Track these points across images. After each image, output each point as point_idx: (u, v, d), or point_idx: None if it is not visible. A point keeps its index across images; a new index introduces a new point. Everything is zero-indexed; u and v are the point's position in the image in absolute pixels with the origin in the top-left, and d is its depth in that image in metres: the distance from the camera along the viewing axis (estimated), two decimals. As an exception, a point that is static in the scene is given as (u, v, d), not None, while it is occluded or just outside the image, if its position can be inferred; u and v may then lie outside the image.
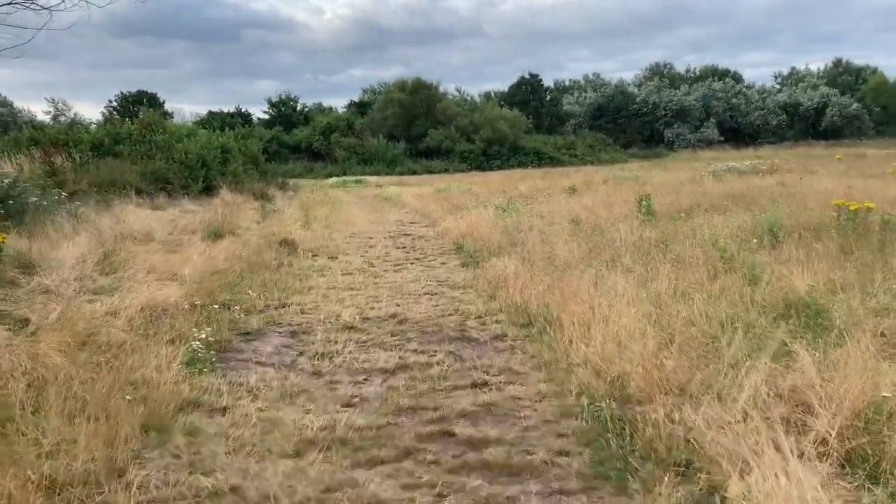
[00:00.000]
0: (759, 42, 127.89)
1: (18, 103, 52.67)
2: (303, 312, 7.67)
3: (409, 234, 14.68)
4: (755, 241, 8.82)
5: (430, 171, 44.61)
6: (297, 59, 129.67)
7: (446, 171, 44.99)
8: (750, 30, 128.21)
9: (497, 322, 6.98)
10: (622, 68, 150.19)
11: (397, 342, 6.47)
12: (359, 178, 37.69)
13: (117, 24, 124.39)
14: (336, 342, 6.42)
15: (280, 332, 6.92)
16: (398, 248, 12.77)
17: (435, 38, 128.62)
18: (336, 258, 11.55)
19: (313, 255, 11.68)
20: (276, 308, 7.81)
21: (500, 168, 44.68)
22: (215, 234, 12.01)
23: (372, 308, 7.82)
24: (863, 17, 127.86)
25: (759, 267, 7.55)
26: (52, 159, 19.18)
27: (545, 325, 6.44)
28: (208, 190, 21.66)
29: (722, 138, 64.49)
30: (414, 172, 43.96)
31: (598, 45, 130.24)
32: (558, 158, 48.94)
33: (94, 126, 30.41)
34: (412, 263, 10.98)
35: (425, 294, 8.56)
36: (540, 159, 47.90)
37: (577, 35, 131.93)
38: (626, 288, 7.05)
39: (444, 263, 10.90)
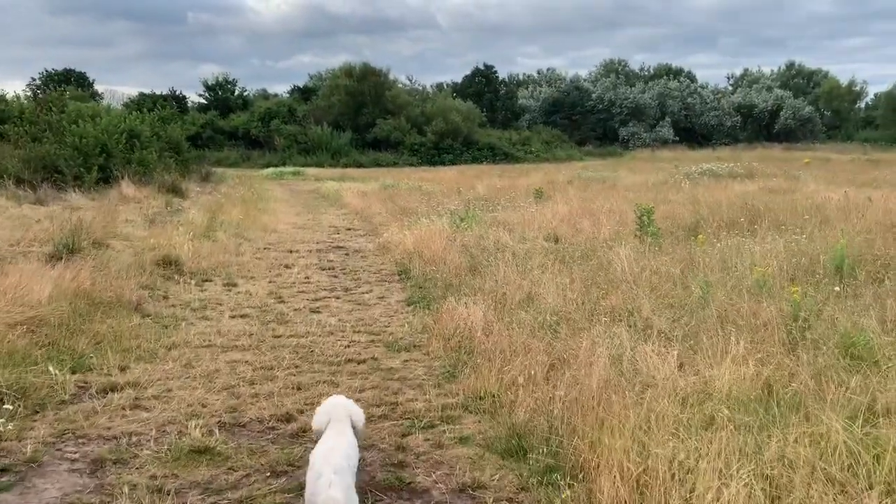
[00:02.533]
0: (705, 44, 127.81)
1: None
2: (136, 406, 4.59)
3: (342, 248, 11.63)
4: (836, 287, 6.07)
5: (377, 164, 41.37)
6: (244, 43, 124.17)
7: (395, 164, 41.81)
8: (696, 32, 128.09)
9: (461, 442, 4.05)
10: (571, 65, 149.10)
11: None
12: (297, 169, 34.22)
13: (54, 0, 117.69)
14: (161, 494, 3.40)
15: (71, 463, 3.84)
16: (324, 269, 9.71)
17: (385, 27, 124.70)
18: (235, 286, 8.44)
19: (203, 281, 8.54)
20: (93, 397, 4.71)
21: (452, 163, 41.68)
22: (69, 248, 8.75)
23: (255, 396, 4.80)
24: (806, 24, 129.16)
25: (870, 338, 4.83)
26: None
27: (553, 463, 3.56)
28: (107, 181, 18.11)
29: (677, 138, 63.03)
30: (360, 165, 40.65)
31: (547, 42, 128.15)
32: (513, 154, 46.27)
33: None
34: (338, 298, 7.96)
35: (348, 362, 5.56)
36: (494, 155, 45.12)
37: (527, 31, 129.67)
38: (676, 380, 4.24)
39: (382, 298, 7.92)
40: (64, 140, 18.71)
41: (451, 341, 5.83)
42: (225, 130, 48.79)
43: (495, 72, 62.30)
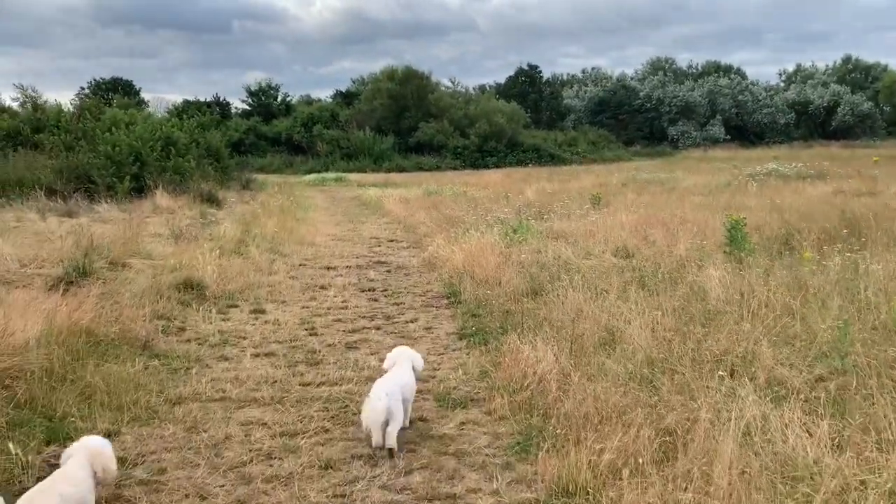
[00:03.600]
0: (749, 41, 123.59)
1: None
2: (115, 500, 3.53)
3: (383, 263, 10.55)
4: None
5: (420, 168, 40.39)
6: (287, 50, 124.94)
7: (438, 167, 40.77)
8: (739, 28, 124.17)
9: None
10: (614, 65, 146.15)
11: None
12: (339, 175, 33.43)
13: (105, 12, 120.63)
14: None
15: None
16: (364, 291, 8.62)
17: (425, 31, 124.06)
18: (262, 312, 7.41)
19: (227, 307, 7.53)
20: (64, 481, 3.67)
21: (496, 166, 40.42)
22: (80, 271, 7.85)
23: (270, 479, 3.69)
24: (851, 17, 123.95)
25: None
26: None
27: None
28: (141, 191, 17.40)
29: (728, 137, 60.71)
30: (402, 169, 39.72)
31: (588, 42, 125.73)
32: (559, 156, 44.74)
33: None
34: (379, 328, 6.84)
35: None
36: (540, 156, 43.66)
37: (567, 31, 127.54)
38: (838, 470, 3.00)
39: (429, 329, 6.78)
40: (97, 149, 18.11)
41: (519, 396, 4.66)
42: (268, 136, 48.47)
43: (539, 72, 60.86)
